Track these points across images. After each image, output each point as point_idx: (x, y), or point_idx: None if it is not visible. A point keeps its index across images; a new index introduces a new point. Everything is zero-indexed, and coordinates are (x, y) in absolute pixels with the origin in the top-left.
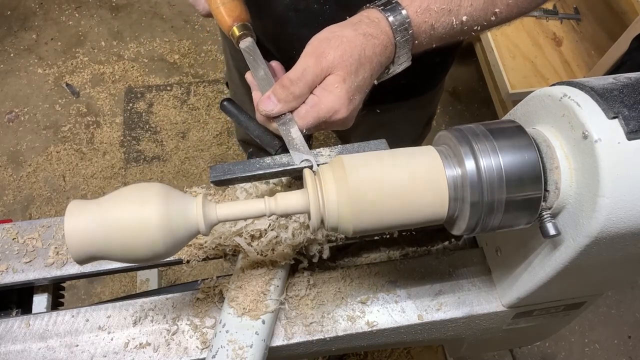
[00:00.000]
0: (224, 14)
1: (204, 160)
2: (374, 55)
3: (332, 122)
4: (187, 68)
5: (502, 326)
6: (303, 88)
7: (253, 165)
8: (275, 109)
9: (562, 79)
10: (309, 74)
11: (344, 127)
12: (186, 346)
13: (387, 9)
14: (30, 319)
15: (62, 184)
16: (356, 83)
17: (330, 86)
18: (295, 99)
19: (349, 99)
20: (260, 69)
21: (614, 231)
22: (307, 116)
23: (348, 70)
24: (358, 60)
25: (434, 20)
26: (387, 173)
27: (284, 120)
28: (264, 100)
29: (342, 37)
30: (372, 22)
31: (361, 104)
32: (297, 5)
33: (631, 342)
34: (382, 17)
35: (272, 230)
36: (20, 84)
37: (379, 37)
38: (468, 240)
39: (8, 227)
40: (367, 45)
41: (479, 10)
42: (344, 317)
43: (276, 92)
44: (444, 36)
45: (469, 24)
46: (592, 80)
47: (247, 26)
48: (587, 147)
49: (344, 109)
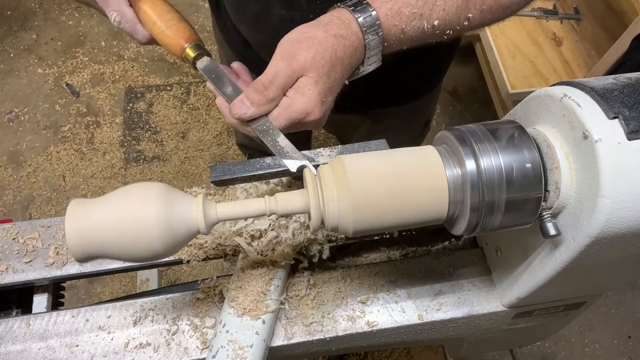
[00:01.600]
0: (173, 36)
1: (204, 160)
2: (344, 56)
3: (304, 123)
4: (187, 68)
5: (502, 326)
6: (276, 91)
7: (253, 165)
8: (248, 112)
9: (562, 79)
10: (281, 76)
11: (316, 128)
12: (186, 346)
13: (357, 9)
14: (30, 319)
15: (62, 184)
16: (328, 84)
17: (303, 88)
18: (268, 102)
19: (322, 101)
20: (226, 86)
21: (614, 231)
22: (280, 118)
23: (320, 72)
24: (330, 62)
25: (404, 24)
26: (387, 173)
27: (264, 128)
28: (237, 104)
29: (313, 38)
30: (342, 23)
31: (333, 104)
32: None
33: (631, 342)
34: (352, 18)
35: (272, 230)
36: (20, 84)
37: (349, 38)
38: (468, 240)
39: (8, 227)
40: (338, 46)
41: (452, 15)
42: (344, 317)
43: (249, 95)
44: (415, 39)
45: (440, 28)
46: (592, 81)
47: (200, 46)
48: (588, 147)
49: (317, 110)
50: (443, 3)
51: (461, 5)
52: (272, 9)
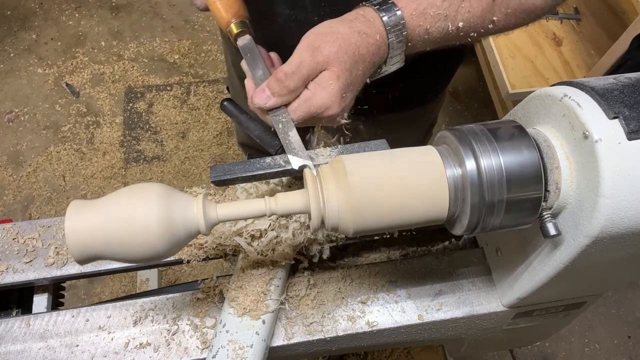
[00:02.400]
0: (222, 9)
1: (204, 160)
2: (367, 54)
3: (322, 117)
4: (187, 68)
5: (502, 326)
6: (297, 82)
7: (253, 165)
8: (268, 103)
9: (562, 79)
10: (304, 68)
11: (333, 124)
12: (186, 346)
13: (382, 8)
14: (31, 319)
15: (62, 184)
16: (349, 81)
17: (324, 82)
18: (289, 93)
19: (342, 97)
20: (258, 68)
21: (614, 231)
22: (299, 110)
23: (342, 68)
24: (352, 58)
25: (429, 25)
26: (387, 173)
27: (281, 120)
28: (258, 93)
29: (337, 33)
30: (367, 21)
31: (352, 102)
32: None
33: (631, 342)
34: (376, 16)
35: (272, 230)
36: (20, 84)
37: (373, 36)
38: (468, 240)
39: (8, 227)
40: (361, 43)
41: (477, 17)
42: (344, 317)
43: (270, 85)
44: (439, 40)
45: (465, 30)
46: (592, 81)
47: (245, 23)
48: (588, 147)
49: (336, 105)
50: (468, 5)
51: (486, 8)
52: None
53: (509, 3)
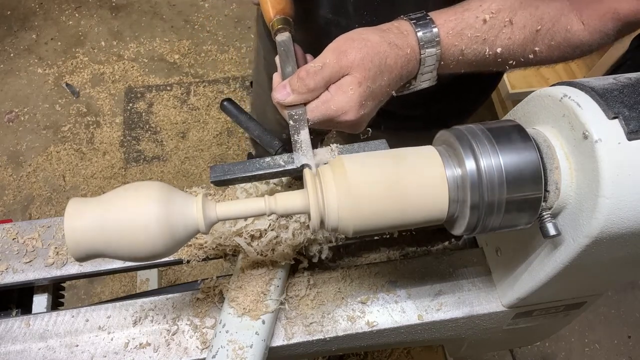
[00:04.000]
0: (269, 4)
1: (204, 160)
2: (395, 65)
3: (339, 122)
4: (187, 68)
5: (502, 326)
6: (319, 82)
7: (253, 165)
8: (287, 99)
9: (562, 79)
10: (327, 69)
11: (352, 131)
12: (186, 346)
13: (419, 23)
14: (30, 319)
15: (62, 184)
16: (371, 89)
17: (345, 86)
18: (308, 92)
19: (361, 104)
20: (289, 65)
21: (614, 231)
22: (316, 111)
23: (366, 75)
24: (378, 67)
25: (464, 46)
26: (387, 173)
27: (296, 117)
28: (279, 89)
29: (367, 40)
30: (400, 33)
31: (374, 111)
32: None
33: (631, 342)
34: (411, 30)
35: (272, 230)
36: (20, 84)
37: (404, 49)
38: (468, 240)
39: (8, 227)
40: (390, 54)
41: (517, 45)
42: (344, 317)
43: (292, 82)
44: (474, 63)
45: (503, 57)
46: (592, 81)
47: (287, 21)
48: (588, 147)
49: (353, 111)
50: (510, 32)
51: (528, 37)
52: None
53: (554, 35)
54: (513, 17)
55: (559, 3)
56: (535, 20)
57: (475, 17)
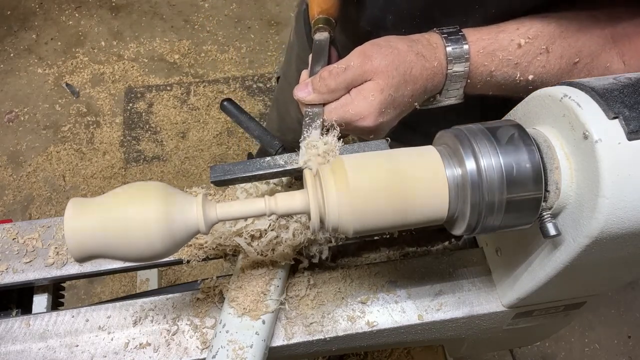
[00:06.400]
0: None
1: (204, 160)
2: (420, 77)
3: (356, 127)
4: (187, 68)
5: (502, 326)
6: (340, 83)
7: (253, 165)
8: (308, 97)
9: None
10: (350, 72)
11: (370, 136)
12: (186, 346)
13: (450, 38)
14: (30, 319)
15: (62, 184)
16: (393, 97)
17: (366, 91)
18: (329, 92)
19: (380, 111)
20: (319, 64)
21: (614, 231)
22: (334, 112)
23: (389, 82)
24: (402, 76)
25: (494, 67)
26: (387, 173)
27: (312, 115)
28: (300, 86)
29: (394, 48)
30: (429, 45)
31: (395, 121)
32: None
33: (631, 342)
34: (441, 44)
35: (272, 230)
36: (20, 84)
37: (431, 61)
38: (468, 240)
39: (8, 227)
40: (416, 64)
41: (551, 75)
42: (344, 317)
43: (314, 81)
44: (503, 87)
45: (535, 85)
46: (592, 81)
47: (329, 21)
48: (588, 147)
49: (372, 118)
50: (545, 60)
51: (565, 68)
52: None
53: (592, 70)
54: (550, 46)
55: (602, 39)
56: (574, 52)
57: (510, 39)
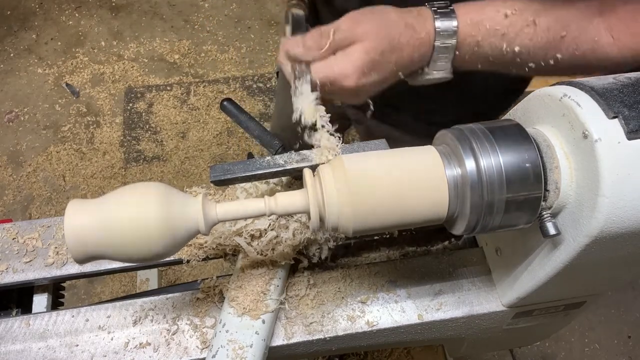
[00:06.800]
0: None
1: (204, 160)
2: (406, 45)
3: (339, 87)
4: (187, 68)
5: (502, 326)
6: (328, 42)
7: (253, 165)
8: (295, 50)
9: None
10: (339, 33)
11: (350, 100)
12: (186, 346)
13: (439, 11)
14: (30, 319)
15: (62, 184)
16: (377, 60)
17: (351, 52)
18: (317, 49)
19: (363, 71)
20: None
21: (614, 231)
22: (319, 71)
23: (374, 45)
24: (389, 42)
25: (481, 37)
26: (387, 172)
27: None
28: (290, 41)
29: (384, 14)
30: (419, 16)
31: (378, 88)
32: None
33: (631, 342)
34: (430, 16)
35: (272, 230)
36: (20, 84)
37: (419, 32)
38: (468, 240)
39: (8, 227)
40: (404, 33)
41: (538, 48)
42: (344, 316)
43: (304, 38)
44: (491, 59)
45: (522, 57)
46: (592, 80)
47: None
48: (587, 146)
49: (354, 77)
50: (532, 32)
51: (552, 41)
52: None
53: (580, 44)
54: (537, 18)
55: (589, 13)
56: (561, 26)
57: (497, 10)
